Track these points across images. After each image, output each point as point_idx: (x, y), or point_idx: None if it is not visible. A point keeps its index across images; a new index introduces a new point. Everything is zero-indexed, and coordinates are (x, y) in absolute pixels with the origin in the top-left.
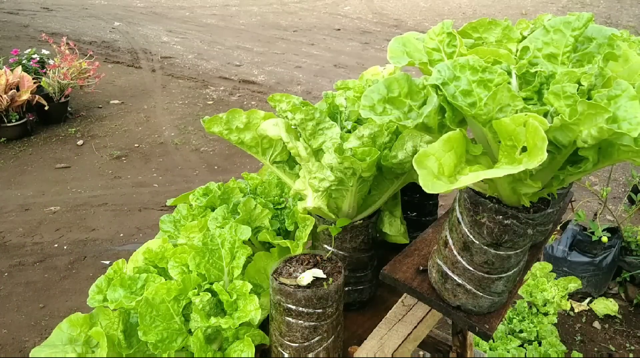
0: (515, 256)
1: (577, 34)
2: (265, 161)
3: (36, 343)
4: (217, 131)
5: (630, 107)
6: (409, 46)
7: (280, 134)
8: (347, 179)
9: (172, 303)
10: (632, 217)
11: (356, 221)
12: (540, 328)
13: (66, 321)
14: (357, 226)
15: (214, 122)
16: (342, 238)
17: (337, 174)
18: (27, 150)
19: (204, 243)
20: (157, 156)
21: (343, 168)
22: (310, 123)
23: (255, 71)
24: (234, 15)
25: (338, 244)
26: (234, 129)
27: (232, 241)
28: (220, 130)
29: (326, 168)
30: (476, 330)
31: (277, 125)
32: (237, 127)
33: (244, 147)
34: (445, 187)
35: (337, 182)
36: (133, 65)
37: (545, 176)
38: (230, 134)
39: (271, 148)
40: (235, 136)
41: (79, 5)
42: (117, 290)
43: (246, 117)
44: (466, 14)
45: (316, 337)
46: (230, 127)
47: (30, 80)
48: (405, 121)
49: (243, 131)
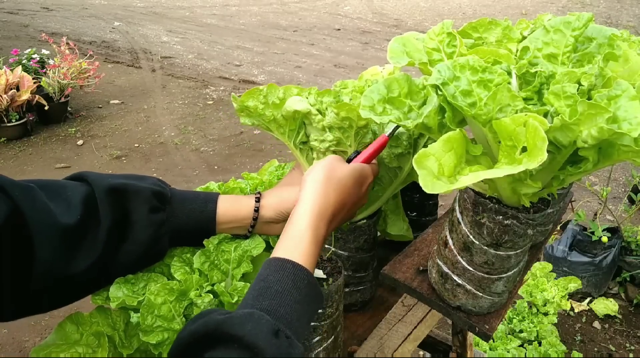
0: (515, 257)
1: (577, 34)
2: (290, 142)
3: (36, 343)
4: (252, 106)
5: (631, 107)
6: (408, 45)
7: (309, 108)
8: (345, 139)
9: (173, 303)
10: (632, 217)
11: (359, 221)
12: (540, 328)
13: (66, 320)
14: (360, 226)
15: (251, 96)
16: (346, 238)
17: (336, 134)
18: (27, 150)
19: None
20: (157, 156)
21: (340, 119)
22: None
23: (255, 71)
24: (234, 15)
25: (341, 244)
26: (270, 104)
27: (244, 250)
28: (256, 104)
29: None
30: (476, 330)
31: (302, 101)
32: (274, 102)
33: (273, 126)
34: (445, 187)
35: (335, 142)
36: (133, 65)
37: (545, 176)
38: (266, 109)
39: (295, 129)
40: (270, 111)
41: (79, 5)
42: (120, 288)
43: (283, 92)
44: (466, 14)
45: (316, 337)
46: (267, 102)
47: (30, 80)
48: (405, 121)
49: (278, 106)
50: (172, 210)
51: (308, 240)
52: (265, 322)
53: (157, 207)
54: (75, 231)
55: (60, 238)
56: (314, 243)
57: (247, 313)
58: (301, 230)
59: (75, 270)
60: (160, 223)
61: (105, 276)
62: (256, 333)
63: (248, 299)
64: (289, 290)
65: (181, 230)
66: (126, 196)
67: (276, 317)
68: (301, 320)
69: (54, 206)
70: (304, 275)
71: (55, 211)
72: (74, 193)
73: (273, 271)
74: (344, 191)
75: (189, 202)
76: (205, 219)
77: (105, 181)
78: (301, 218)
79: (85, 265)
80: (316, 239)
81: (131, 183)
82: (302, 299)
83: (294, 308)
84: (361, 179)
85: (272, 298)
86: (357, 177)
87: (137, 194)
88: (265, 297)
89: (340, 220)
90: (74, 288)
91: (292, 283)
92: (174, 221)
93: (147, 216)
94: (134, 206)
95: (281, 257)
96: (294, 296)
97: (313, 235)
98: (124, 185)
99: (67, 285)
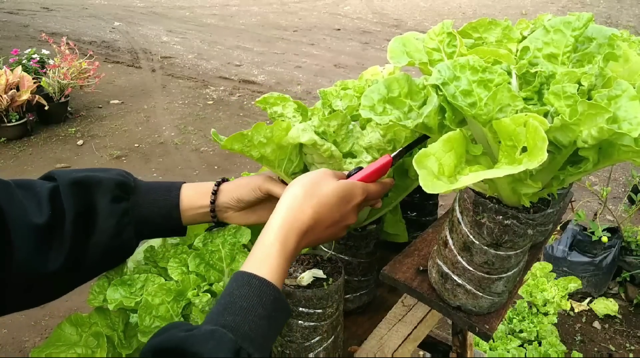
0: (515, 257)
1: (577, 34)
2: (282, 172)
3: (36, 343)
4: (238, 148)
5: (631, 107)
6: (409, 46)
7: (314, 138)
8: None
9: (171, 303)
10: (632, 217)
11: (369, 226)
12: (540, 328)
13: (66, 321)
14: (371, 231)
15: (236, 140)
16: (358, 245)
17: (374, 154)
18: (27, 150)
19: (204, 243)
20: (157, 156)
21: (386, 141)
22: (344, 128)
23: (255, 71)
24: (234, 15)
25: (353, 252)
26: (256, 144)
27: (232, 243)
28: (242, 147)
29: (365, 152)
30: (476, 330)
31: (305, 130)
32: (260, 142)
33: (263, 162)
34: (445, 187)
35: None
36: (133, 65)
37: (546, 176)
38: (252, 150)
39: (285, 159)
40: (257, 151)
41: (79, 5)
42: (117, 290)
43: (270, 131)
44: (466, 14)
45: (316, 337)
46: (252, 143)
47: (30, 80)
48: (405, 121)
49: (266, 144)
50: (136, 200)
51: (276, 253)
52: (227, 341)
53: (119, 196)
54: (46, 230)
55: (35, 238)
56: (282, 256)
57: (209, 331)
58: (270, 242)
59: (48, 269)
60: (123, 212)
61: (78, 273)
62: (216, 352)
63: (213, 313)
64: (254, 307)
65: (147, 220)
66: (89, 188)
67: (239, 334)
68: (267, 336)
69: (28, 205)
70: (270, 291)
71: (29, 209)
72: (42, 189)
73: (239, 286)
74: (324, 208)
75: (153, 191)
76: (169, 206)
77: (69, 176)
78: (271, 230)
79: (58, 263)
80: (284, 253)
81: (93, 175)
82: (268, 315)
83: (259, 325)
84: (347, 198)
85: (236, 315)
86: (342, 195)
87: (99, 185)
88: (229, 312)
89: (317, 237)
90: (48, 287)
91: (258, 299)
92: (138, 211)
93: (109, 205)
94: (96, 197)
95: (248, 272)
96: (259, 312)
97: (281, 249)
98: (86, 177)
99: (40, 284)
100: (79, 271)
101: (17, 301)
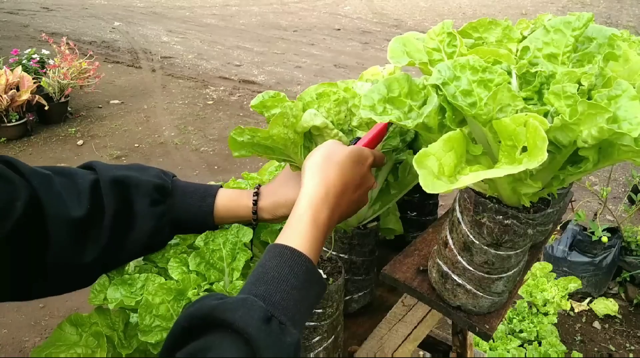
0: (515, 256)
1: (577, 34)
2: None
3: (36, 343)
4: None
5: (631, 107)
6: (409, 45)
7: (326, 122)
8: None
9: (171, 303)
10: (632, 217)
11: (371, 223)
12: (540, 328)
13: (66, 321)
14: (373, 228)
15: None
16: (362, 243)
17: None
18: (27, 150)
19: (205, 242)
20: (157, 156)
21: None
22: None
23: (255, 71)
24: (234, 15)
25: (357, 251)
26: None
27: (233, 243)
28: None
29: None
30: (476, 330)
31: (317, 114)
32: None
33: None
34: (446, 187)
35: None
36: (133, 65)
37: (546, 176)
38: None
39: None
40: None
41: (79, 5)
42: (117, 290)
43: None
44: (466, 14)
45: (316, 337)
46: (288, 122)
47: (30, 80)
48: (406, 120)
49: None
50: (172, 203)
51: (307, 223)
52: (257, 308)
53: (157, 200)
54: (84, 224)
55: (72, 231)
56: (314, 226)
57: (240, 299)
58: (300, 214)
59: (83, 261)
60: (161, 215)
61: (114, 262)
62: (247, 319)
63: (246, 285)
64: (286, 276)
65: (181, 222)
66: (128, 189)
67: (270, 303)
68: (299, 306)
69: (67, 196)
70: (302, 261)
71: (68, 202)
72: (83, 181)
73: (272, 257)
74: (344, 171)
75: (188, 196)
76: (203, 213)
77: (110, 172)
78: (301, 202)
79: (94, 255)
80: (316, 222)
81: (133, 176)
82: (300, 285)
83: (291, 295)
84: (361, 160)
85: (268, 284)
86: (357, 158)
87: (137, 187)
88: (261, 283)
89: (347, 203)
90: (83, 275)
91: (289, 269)
92: (174, 214)
93: (148, 208)
94: (135, 198)
95: (280, 243)
96: (291, 282)
97: (313, 218)
98: (126, 178)
99: (75, 272)
100: (114, 264)
101: (47, 288)
